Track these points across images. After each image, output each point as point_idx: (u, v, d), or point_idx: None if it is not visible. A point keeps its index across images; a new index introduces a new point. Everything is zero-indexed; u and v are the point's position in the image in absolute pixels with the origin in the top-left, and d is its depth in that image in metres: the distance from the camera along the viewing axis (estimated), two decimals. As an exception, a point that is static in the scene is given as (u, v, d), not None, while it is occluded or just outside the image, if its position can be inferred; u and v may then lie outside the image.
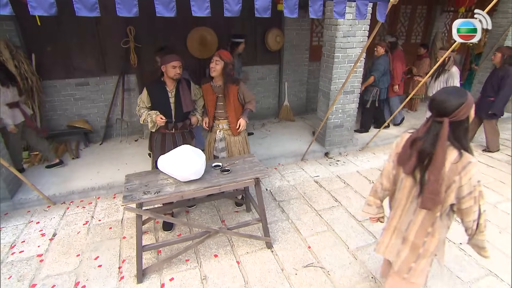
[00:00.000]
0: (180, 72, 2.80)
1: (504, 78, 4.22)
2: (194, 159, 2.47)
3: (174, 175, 2.52)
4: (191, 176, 2.46)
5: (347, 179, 4.13)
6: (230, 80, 2.96)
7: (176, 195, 2.42)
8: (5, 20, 4.00)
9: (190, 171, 2.43)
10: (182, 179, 2.51)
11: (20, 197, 3.50)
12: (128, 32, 4.53)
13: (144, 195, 2.38)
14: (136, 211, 2.34)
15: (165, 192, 2.42)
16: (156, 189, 2.46)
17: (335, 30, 4.06)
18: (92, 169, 4.13)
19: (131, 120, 5.14)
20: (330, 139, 4.79)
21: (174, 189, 2.46)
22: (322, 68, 4.53)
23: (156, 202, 2.40)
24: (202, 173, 2.56)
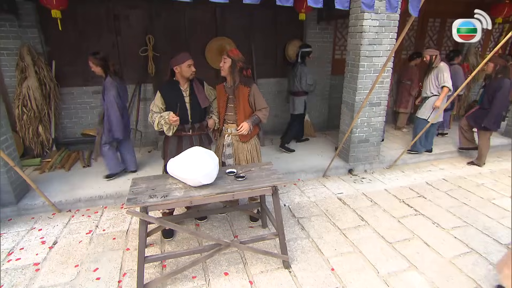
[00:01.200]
0: (195, 70, 2.71)
1: (497, 90, 4.17)
2: (206, 160, 2.30)
3: (184, 178, 2.34)
4: (202, 180, 2.27)
5: (374, 197, 3.80)
6: (242, 80, 2.83)
7: (184, 200, 2.22)
8: (30, 27, 4.16)
9: (201, 173, 2.24)
10: (193, 183, 2.32)
11: (25, 203, 3.42)
12: (147, 41, 4.59)
13: (149, 199, 2.20)
14: (140, 215, 2.15)
15: (172, 197, 2.23)
16: (163, 193, 2.28)
17: (360, 38, 3.92)
18: (102, 177, 4.03)
19: (146, 130, 5.10)
20: (354, 154, 4.50)
21: (182, 194, 2.27)
22: (346, 78, 4.35)
23: (163, 206, 2.21)
24: (214, 177, 2.37)
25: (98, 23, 4.50)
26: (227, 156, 2.99)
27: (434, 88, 4.61)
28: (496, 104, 4.19)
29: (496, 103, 4.19)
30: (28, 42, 4.13)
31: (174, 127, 2.73)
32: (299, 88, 4.78)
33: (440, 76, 4.48)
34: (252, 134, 2.97)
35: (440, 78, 4.48)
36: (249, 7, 4.92)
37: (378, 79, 3.73)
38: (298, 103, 4.91)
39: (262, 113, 2.90)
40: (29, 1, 4.04)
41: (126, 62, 4.75)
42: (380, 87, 4.22)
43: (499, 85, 4.16)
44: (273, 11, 5.12)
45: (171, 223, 2.30)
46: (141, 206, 2.16)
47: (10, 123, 4.25)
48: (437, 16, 6.09)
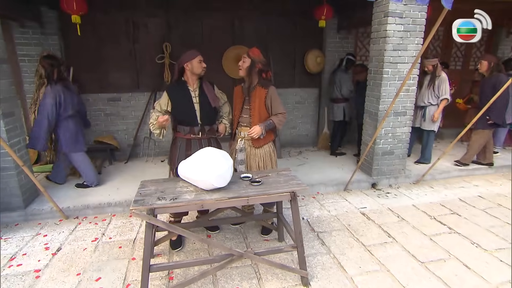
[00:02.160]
0: (205, 66, 2.64)
1: (496, 85, 4.13)
2: (219, 160, 2.16)
3: (196, 181, 2.21)
4: (214, 182, 2.12)
5: (401, 213, 3.52)
6: (260, 82, 2.72)
7: (195, 203, 2.08)
8: (51, 35, 4.30)
9: (213, 174, 2.10)
10: (205, 186, 2.18)
11: (33, 208, 3.37)
12: (164, 49, 4.64)
13: (158, 201, 2.07)
14: (146, 218, 2.01)
15: (182, 199, 2.09)
16: (172, 195, 2.14)
17: (384, 43, 3.78)
18: (112, 185, 3.97)
19: (159, 139, 5.05)
20: (378, 167, 4.26)
21: (193, 197, 2.12)
22: (369, 86, 4.19)
23: (171, 209, 2.07)
24: (227, 180, 2.22)
25: (116, 30, 4.60)
26: (239, 162, 2.84)
27: (433, 98, 4.53)
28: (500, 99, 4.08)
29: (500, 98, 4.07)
30: (48, 49, 4.23)
31: (164, 130, 2.68)
32: (339, 95, 4.92)
33: (442, 88, 4.46)
34: (266, 140, 2.81)
35: (442, 90, 4.47)
36: (267, 16, 5.03)
37: (403, 86, 3.57)
38: (337, 110, 5.01)
39: (277, 118, 2.74)
40: (52, 10, 4.18)
41: (142, 69, 4.80)
42: (406, 95, 4.03)
43: (497, 80, 4.17)
44: (292, 19, 5.11)
45: (179, 228, 2.14)
46: (148, 208, 2.03)
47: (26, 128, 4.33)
48: (465, 25, 5.90)
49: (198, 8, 4.68)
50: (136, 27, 4.64)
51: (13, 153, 2.94)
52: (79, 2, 3.61)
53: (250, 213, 3.00)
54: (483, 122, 4.39)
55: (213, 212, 2.80)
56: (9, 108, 3.15)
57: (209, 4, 4.67)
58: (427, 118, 4.61)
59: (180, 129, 2.70)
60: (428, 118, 4.61)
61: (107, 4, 4.37)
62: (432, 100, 4.54)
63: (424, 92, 4.60)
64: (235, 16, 4.89)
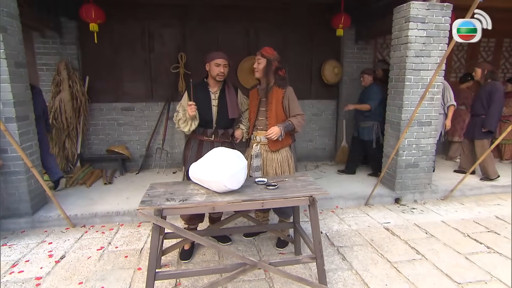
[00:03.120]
0: (224, 72, 2.59)
1: (492, 93, 4.22)
2: (232, 160, 2.06)
3: (207, 182, 2.11)
4: (227, 183, 2.01)
5: (430, 229, 3.27)
6: (277, 81, 2.65)
7: (206, 205, 1.96)
8: (70, 44, 4.44)
9: (226, 174, 1.99)
10: (217, 188, 2.07)
11: (41, 215, 3.32)
12: (179, 59, 4.69)
13: (166, 202, 1.97)
14: (153, 219, 1.90)
15: (192, 201, 1.98)
16: (182, 197, 2.04)
17: (406, 49, 3.68)
18: (122, 194, 3.91)
19: (172, 151, 5.03)
20: (401, 181, 4.04)
21: (204, 199, 2.01)
22: (390, 94, 4.06)
23: (180, 211, 1.96)
24: (241, 181, 2.11)
25: (132, 40, 4.71)
26: (255, 169, 2.71)
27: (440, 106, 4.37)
28: (494, 106, 4.23)
29: (494, 105, 4.23)
30: (66, 58, 4.35)
31: (192, 123, 2.57)
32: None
33: (446, 95, 4.47)
34: (283, 143, 2.70)
35: (446, 97, 4.47)
36: (283, 26, 5.05)
37: (426, 94, 3.45)
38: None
39: (296, 120, 2.65)
40: (72, 20, 4.34)
41: (157, 79, 4.86)
42: (430, 104, 3.86)
43: (494, 88, 4.22)
44: (308, 29, 5.12)
45: (188, 232, 2.01)
46: (155, 209, 1.92)
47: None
48: (492, 35, 5.75)
49: (213, 19, 4.76)
50: (152, 37, 4.75)
51: (23, 153, 2.93)
52: (97, 11, 3.73)
53: (264, 222, 2.84)
54: (480, 130, 4.39)
55: (225, 221, 2.66)
56: (23, 111, 3.19)
57: (224, 14, 4.75)
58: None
59: (195, 129, 2.64)
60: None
61: (124, 14, 4.51)
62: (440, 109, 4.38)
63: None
64: (251, 26, 4.94)
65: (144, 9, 4.54)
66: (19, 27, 3.15)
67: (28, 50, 4.02)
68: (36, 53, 4.35)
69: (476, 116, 4.44)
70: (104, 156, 4.74)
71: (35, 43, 4.32)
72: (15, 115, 3.06)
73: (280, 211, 2.78)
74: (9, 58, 2.99)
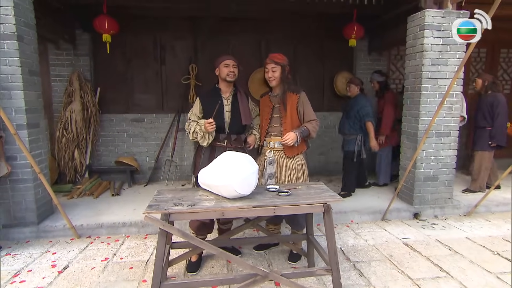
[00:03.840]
0: (234, 72, 2.59)
1: (494, 105, 4.22)
2: (243, 164, 2.01)
3: (217, 187, 2.05)
4: (237, 187, 1.95)
5: (454, 246, 3.09)
6: (290, 87, 2.64)
7: (215, 210, 1.90)
8: (83, 56, 4.57)
9: (236, 178, 1.94)
10: (227, 193, 2.01)
11: (46, 224, 3.30)
12: (190, 70, 4.75)
13: (174, 207, 1.91)
14: (160, 224, 1.84)
15: (201, 206, 1.92)
16: (190, 202, 1.98)
17: (421, 58, 3.63)
18: (129, 206, 3.88)
19: (181, 163, 5.01)
20: (420, 195, 3.88)
21: (213, 204, 1.95)
22: (406, 104, 3.98)
23: (189, 216, 1.90)
24: (252, 186, 2.05)
25: (144, 52, 4.82)
26: (268, 176, 2.65)
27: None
28: (499, 120, 4.21)
29: (499, 119, 4.20)
30: (79, 69, 4.47)
31: (209, 136, 2.54)
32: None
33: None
34: (299, 150, 2.66)
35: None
36: (294, 37, 5.10)
37: (443, 103, 3.39)
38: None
39: (311, 125, 2.62)
40: (86, 32, 4.48)
41: (168, 90, 4.93)
42: (448, 114, 3.76)
43: (495, 100, 4.20)
44: (320, 41, 5.15)
45: (196, 239, 1.94)
46: (162, 213, 1.87)
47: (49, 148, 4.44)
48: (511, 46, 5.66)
49: (224, 31, 4.85)
50: (164, 49, 4.85)
51: (31, 158, 2.95)
52: (110, 22, 3.84)
53: (275, 233, 2.74)
54: (483, 142, 4.33)
55: (234, 230, 2.57)
56: (34, 119, 3.24)
57: (236, 27, 4.83)
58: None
59: None
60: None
61: (137, 25, 4.64)
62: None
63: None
64: (262, 38, 5.00)
65: (156, 21, 4.66)
66: (35, 37, 3.26)
67: (43, 61, 4.15)
68: (50, 64, 4.49)
69: (479, 128, 4.40)
70: (113, 167, 4.75)
71: (50, 55, 4.46)
72: (26, 122, 3.10)
73: (292, 221, 2.69)
74: (24, 66, 3.07)
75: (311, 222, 2.53)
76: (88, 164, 4.56)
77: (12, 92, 3.03)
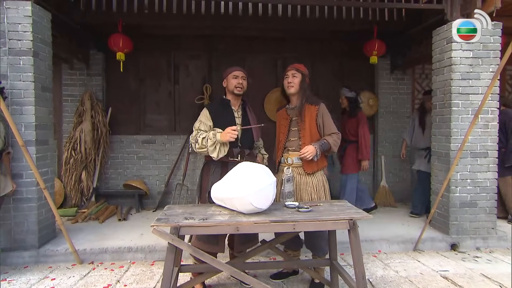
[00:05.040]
0: (243, 84, 2.61)
1: (506, 122, 4.12)
2: (260, 174, 1.95)
3: (231, 199, 2.00)
4: (253, 200, 1.89)
5: (505, 282, 2.83)
6: (309, 99, 2.65)
7: (229, 224, 1.83)
8: (96, 75, 4.76)
9: (252, 189, 1.88)
10: (241, 207, 1.95)
11: (47, 248, 3.27)
12: (204, 90, 4.86)
13: (184, 220, 1.86)
14: (168, 238, 1.78)
15: (214, 220, 1.85)
16: (202, 216, 1.92)
17: (450, 72, 3.59)
18: (136, 231, 3.82)
19: (193, 187, 4.96)
20: (456, 223, 3.66)
21: (227, 219, 1.88)
22: (434, 123, 3.89)
23: (200, 230, 1.84)
24: (269, 200, 1.98)
25: (158, 71, 4.99)
26: (287, 195, 2.56)
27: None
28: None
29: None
30: (91, 89, 4.64)
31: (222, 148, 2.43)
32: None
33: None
34: (319, 165, 2.60)
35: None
36: (312, 56, 5.18)
37: (475, 120, 3.36)
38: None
39: (332, 139, 2.57)
40: (100, 52, 4.70)
41: (180, 111, 5.02)
42: (485, 133, 3.63)
43: (507, 118, 4.13)
44: (339, 59, 5.22)
45: (208, 256, 1.85)
46: (172, 226, 1.81)
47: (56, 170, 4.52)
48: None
49: (240, 50, 4.99)
50: (177, 69, 5.01)
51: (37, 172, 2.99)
52: (125, 40, 4.02)
53: (295, 257, 2.61)
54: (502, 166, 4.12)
55: (249, 254, 2.46)
56: (43, 135, 3.32)
57: (251, 45, 4.97)
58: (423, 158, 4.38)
59: None
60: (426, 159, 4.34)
61: (151, 44, 4.84)
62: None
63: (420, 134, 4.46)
64: (278, 57, 5.11)
65: (170, 40, 4.85)
66: (50, 53, 3.44)
67: (56, 82, 4.34)
68: (63, 84, 4.69)
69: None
70: (121, 191, 4.76)
71: (63, 75, 4.68)
72: (35, 138, 3.18)
73: (314, 246, 2.56)
74: (37, 82, 3.20)
75: (335, 245, 2.40)
76: (95, 187, 4.59)
77: (24, 108, 3.15)
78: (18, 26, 3.12)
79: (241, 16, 4.31)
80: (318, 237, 2.47)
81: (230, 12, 4.23)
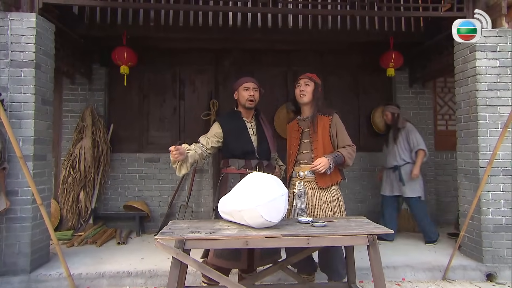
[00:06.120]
0: (254, 95, 2.68)
1: None
2: (271, 184, 1.96)
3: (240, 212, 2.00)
4: (264, 212, 1.88)
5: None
6: (322, 109, 2.70)
7: (237, 238, 1.82)
8: (98, 91, 4.91)
9: (263, 200, 1.88)
10: (251, 220, 1.95)
11: (39, 273, 3.25)
12: (211, 106, 4.94)
13: (190, 234, 1.85)
14: (173, 252, 1.77)
15: (221, 234, 1.85)
16: (209, 230, 1.92)
17: (474, 83, 3.59)
18: (136, 254, 3.80)
19: (198, 209, 4.97)
20: (491, 249, 3.52)
21: (235, 233, 1.87)
22: (460, 138, 3.85)
23: (207, 243, 1.83)
24: (282, 211, 1.98)
25: (162, 86, 5.11)
26: (299, 212, 2.55)
27: (405, 153, 4.36)
28: None
29: None
30: (92, 105, 4.77)
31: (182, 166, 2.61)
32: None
33: (412, 138, 4.34)
34: (333, 180, 2.60)
35: (412, 141, 4.33)
36: (324, 70, 5.24)
37: (505, 133, 3.34)
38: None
39: (346, 151, 2.59)
40: (102, 66, 4.87)
41: (186, 127, 5.09)
42: (518, 147, 3.58)
43: None
44: (353, 73, 5.28)
45: (215, 272, 1.83)
46: (177, 240, 1.80)
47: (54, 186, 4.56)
48: None
49: (248, 63, 5.11)
50: (183, 83, 5.13)
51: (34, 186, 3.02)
52: (129, 53, 4.17)
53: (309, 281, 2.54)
54: None
55: (259, 275, 2.41)
56: (41, 150, 3.39)
57: (260, 59, 5.10)
58: (406, 180, 4.30)
59: (233, 163, 2.64)
60: (407, 180, 4.30)
61: (156, 57, 4.98)
62: (405, 157, 4.36)
63: (391, 150, 4.46)
64: (289, 70, 5.19)
65: (176, 54, 5.00)
66: (52, 66, 3.57)
67: (56, 97, 4.47)
68: (63, 99, 4.83)
69: None
70: (121, 213, 4.77)
71: (64, 90, 4.83)
72: (33, 153, 3.24)
73: (330, 268, 2.51)
74: (38, 94, 3.31)
75: (353, 267, 2.35)
76: (93, 208, 4.61)
77: (22, 121, 3.23)
78: (21, 38, 3.26)
79: (250, 28, 4.47)
80: (334, 258, 2.43)
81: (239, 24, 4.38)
